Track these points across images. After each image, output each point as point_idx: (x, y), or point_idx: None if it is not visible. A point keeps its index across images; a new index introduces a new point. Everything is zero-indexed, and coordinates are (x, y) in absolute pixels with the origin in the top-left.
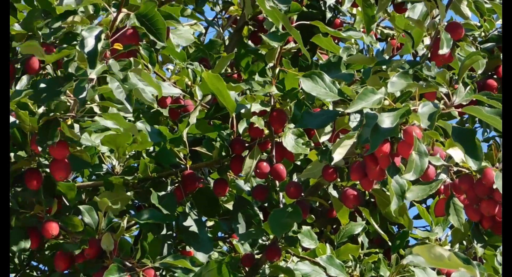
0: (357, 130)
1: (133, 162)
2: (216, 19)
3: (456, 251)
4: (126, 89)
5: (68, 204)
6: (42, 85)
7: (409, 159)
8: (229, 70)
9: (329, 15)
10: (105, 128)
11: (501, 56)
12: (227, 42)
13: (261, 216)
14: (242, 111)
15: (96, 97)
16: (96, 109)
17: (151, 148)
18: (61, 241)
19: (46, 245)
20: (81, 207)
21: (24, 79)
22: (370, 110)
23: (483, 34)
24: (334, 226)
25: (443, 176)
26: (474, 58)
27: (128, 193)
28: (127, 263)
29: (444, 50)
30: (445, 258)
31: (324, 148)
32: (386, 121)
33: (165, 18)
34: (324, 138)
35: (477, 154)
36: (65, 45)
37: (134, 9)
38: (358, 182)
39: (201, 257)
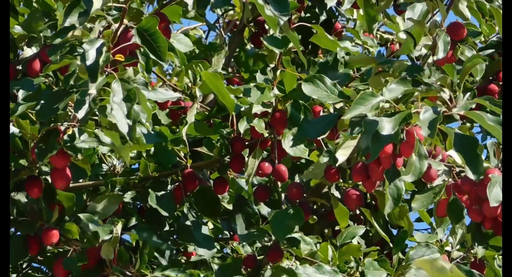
0: (357, 134)
1: (134, 161)
2: (217, 22)
3: (457, 263)
4: (130, 118)
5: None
6: (43, 100)
7: (409, 161)
8: (230, 70)
9: (327, 16)
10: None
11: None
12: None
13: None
14: (242, 109)
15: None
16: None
17: (152, 148)
18: (61, 250)
19: (47, 248)
20: (81, 215)
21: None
22: (370, 113)
23: (482, 39)
24: (336, 228)
25: (444, 177)
26: (475, 61)
27: (129, 193)
28: (127, 272)
29: (439, 55)
30: (447, 271)
31: (327, 149)
32: (387, 126)
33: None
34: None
35: (477, 166)
36: (65, 54)
37: (133, 13)
38: (360, 182)
39: (203, 253)
